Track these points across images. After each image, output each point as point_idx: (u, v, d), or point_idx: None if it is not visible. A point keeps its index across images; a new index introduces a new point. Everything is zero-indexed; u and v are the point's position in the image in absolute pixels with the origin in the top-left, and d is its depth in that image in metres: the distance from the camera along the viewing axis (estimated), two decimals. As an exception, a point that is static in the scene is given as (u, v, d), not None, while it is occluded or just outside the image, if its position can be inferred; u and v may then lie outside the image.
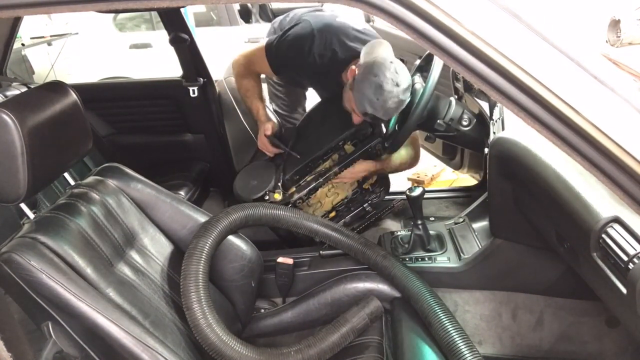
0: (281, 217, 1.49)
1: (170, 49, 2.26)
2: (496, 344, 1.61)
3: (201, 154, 2.51)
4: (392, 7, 0.70)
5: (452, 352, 1.16)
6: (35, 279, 0.97)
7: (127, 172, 1.37)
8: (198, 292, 1.19)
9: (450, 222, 1.82)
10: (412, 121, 1.66)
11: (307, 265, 1.65)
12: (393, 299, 1.48)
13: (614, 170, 0.71)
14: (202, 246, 1.27)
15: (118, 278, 1.15)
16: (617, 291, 0.88)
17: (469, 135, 1.81)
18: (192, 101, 2.34)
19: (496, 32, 0.71)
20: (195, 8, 5.12)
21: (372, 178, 1.97)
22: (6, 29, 2.07)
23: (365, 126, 1.78)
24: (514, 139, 1.29)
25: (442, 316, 1.23)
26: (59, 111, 1.11)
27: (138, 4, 0.76)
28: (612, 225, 0.90)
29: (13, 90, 1.99)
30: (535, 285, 1.52)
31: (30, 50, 4.39)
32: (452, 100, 1.81)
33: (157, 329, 1.11)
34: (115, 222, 1.24)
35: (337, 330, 1.31)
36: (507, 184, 1.38)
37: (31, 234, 1.03)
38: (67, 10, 0.75)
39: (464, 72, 0.73)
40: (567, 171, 1.06)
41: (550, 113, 0.71)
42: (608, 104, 0.72)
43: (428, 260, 1.61)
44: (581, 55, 0.73)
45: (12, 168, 0.98)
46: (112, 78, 4.57)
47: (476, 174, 2.20)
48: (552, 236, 1.20)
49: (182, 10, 2.35)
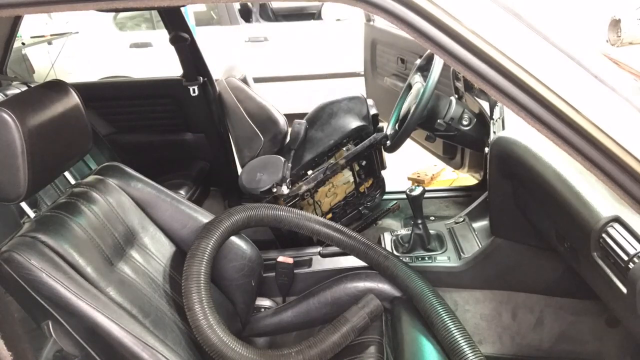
0: (283, 217, 1.49)
1: (171, 48, 2.26)
2: (496, 344, 1.61)
3: (201, 153, 2.51)
4: (393, 6, 0.70)
5: (454, 352, 1.16)
6: (36, 277, 0.97)
7: (127, 171, 1.37)
8: (199, 293, 1.19)
9: (451, 221, 1.82)
10: (412, 121, 1.66)
11: (307, 264, 1.65)
12: (393, 298, 1.48)
13: (614, 170, 0.71)
14: (205, 247, 1.27)
15: (118, 277, 1.15)
16: (617, 291, 0.88)
17: (469, 134, 1.82)
18: (193, 100, 2.34)
19: (497, 31, 0.71)
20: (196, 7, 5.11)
21: (368, 181, 1.99)
22: (6, 28, 2.06)
23: (368, 124, 1.80)
24: (514, 139, 1.29)
25: (444, 316, 1.23)
26: (60, 110, 1.11)
27: (138, 3, 0.76)
28: (613, 225, 0.90)
29: (13, 89, 1.99)
30: (535, 284, 1.52)
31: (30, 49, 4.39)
32: (452, 100, 1.82)
33: (157, 328, 1.11)
34: (115, 221, 1.24)
35: (337, 330, 1.31)
36: (507, 183, 1.38)
37: (31, 233, 1.03)
38: (67, 9, 0.75)
39: (465, 71, 0.73)
40: (568, 170, 1.06)
41: (550, 112, 0.71)
42: (608, 103, 0.72)
43: (428, 259, 1.61)
44: (582, 54, 0.73)
45: (12, 167, 0.98)
46: (113, 77, 4.57)
47: (476, 173, 2.20)
48: (552, 236, 1.20)
49: (182, 9, 2.35)
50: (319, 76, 4.58)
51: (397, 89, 2.51)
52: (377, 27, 2.89)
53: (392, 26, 0.73)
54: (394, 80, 2.70)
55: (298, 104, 3.82)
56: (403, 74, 2.59)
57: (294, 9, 5.36)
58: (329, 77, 4.55)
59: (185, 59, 2.28)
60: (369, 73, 3.06)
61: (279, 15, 5.36)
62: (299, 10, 5.32)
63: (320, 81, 4.58)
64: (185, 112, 2.43)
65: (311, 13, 5.25)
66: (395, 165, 2.30)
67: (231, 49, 4.59)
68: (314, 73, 4.58)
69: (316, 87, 4.54)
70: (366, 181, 2.01)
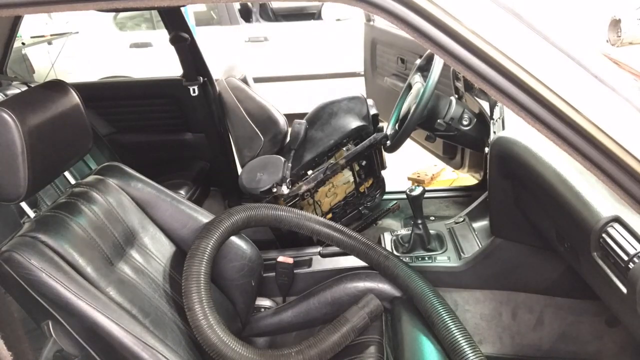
0: (283, 217, 1.49)
1: (171, 48, 2.26)
2: (496, 344, 1.61)
3: (201, 153, 2.51)
4: (393, 6, 0.70)
5: (455, 352, 1.16)
6: (36, 277, 0.97)
7: (127, 171, 1.37)
8: (200, 293, 1.19)
9: (451, 221, 1.82)
10: (412, 121, 1.66)
11: (307, 264, 1.65)
12: (393, 298, 1.48)
13: (614, 170, 0.71)
14: (205, 247, 1.27)
15: (118, 277, 1.15)
16: (617, 291, 0.88)
17: (469, 134, 1.82)
18: (193, 100, 2.34)
19: (497, 31, 0.71)
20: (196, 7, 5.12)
21: (368, 181, 1.99)
22: (6, 27, 2.06)
23: (368, 124, 1.80)
24: (514, 139, 1.29)
25: (445, 316, 1.23)
26: (60, 110, 1.11)
27: (139, 2, 0.75)
28: (613, 225, 0.90)
29: (13, 89, 1.99)
30: (535, 284, 1.51)
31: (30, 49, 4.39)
32: (452, 100, 1.82)
33: (157, 327, 1.11)
34: (115, 221, 1.24)
35: (337, 330, 1.31)
36: (507, 183, 1.38)
37: (31, 233, 1.03)
38: (67, 9, 0.75)
39: (465, 71, 0.73)
40: (568, 170, 1.06)
41: (550, 112, 0.71)
42: (609, 103, 0.72)
43: (428, 259, 1.61)
44: (582, 54, 0.73)
45: (12, 167, 0.98)
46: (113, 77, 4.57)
47: (476, 173, 2.20)
48: (552, 236, 1.20)
49: (182, 9, 2.35)
50: (319, 76, 4.58)
51: (397, 89, 2.51)
52: (377, 27, 2.89)
53: (392, 26, 0.73)
54: (394, 80, 2.70)
55: (298, 104, 3.82)
56: (403, 74, 2.59)
57: (294, 9, 5.36)
58: (329, 77, 4.56)
59: (185, 59, 2.28)
60: (369, 73, 3.07)
61: (279, 15, 5.36)
62: (299, 10, 5.32)
63: (320, 81, 4.58)
64: (185, 112, 2.43)
65: (311, 13, 5.25)
66: (395, 165, 2.30)
67: (231, 49, 4.59)
68: (314, 73, 4.59)
69: (316, 87, 4.55)
70: (366, 181, 2.01)
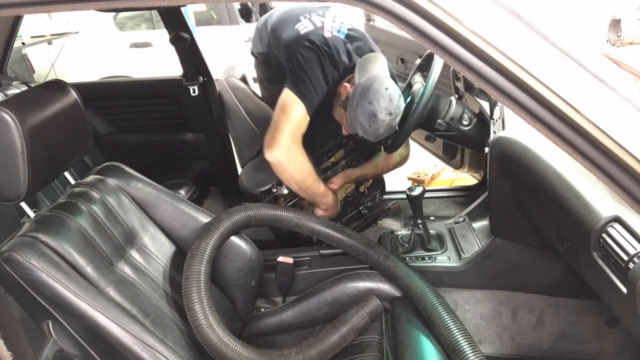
0: (283, 217, 1.49)
1: (171, 48, 2.26)
2: (496, 344, 1.61)
3: (201, 153, 2.50)
4: (393, 6, 0.70)
5: (455, 352, 1.16)
6: (36, 277, 0.97)
7: (127, 171, 1.36)
8: (200, 293, 1.19)
9: (451, 221, 1.81)
10: (412, 121, 1.66)
11: (307, 264, 1.65)
12: (393, 298, 1.48)
13: (614, 170, 0.71)
14: (205, 247, 1.27)
15: (118, 277, 1.15)
16: (617, 291, 0.88)
17: (469, 134, 1.81)
18: (193, 100, 2.34)
19: (497, 31, 0.71)
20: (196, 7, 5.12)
21: (368, 181, 1.98)
22: (6, 27, 2.06)
23: None
24: (514, 139, 1.29)
25: (445, 315, 1.23)
26: (59, 110, 1.11)
27: (139, 2, 0.75)
28: (613, 225, 0.90)
29: (13, 89, 1.99)
30: (535, 284, 1.52)
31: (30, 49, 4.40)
32: (452, 100, 1.81)
33: (157, 327, 1.11)
34: (115, 221, 1.24)
35: (337, 330, 1.31)
36: (507, 183, 1.38)
37: (31, 233, 1.03)
38: (67, 9, 0.75)
39: (465, 71, 0.73)
40: (568, 170, 1.06)
41: (550, 112, 0.71)
42: (609, 103, 0.72)
43: (428, 259, 1.61)
44: (582, 54, 0.73)
45: (12, 167, 0.98)
46: (113, 77, 4.58)
47: (476, 173, 2.20)
48: (552, 235, 1.20)
49: (182, 9, 2.35)
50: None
51: (397, 89, 2.50)
52: (377, 27, 2.89)
53: (392, 26, 0.73)
54: (394, 80, 2.70)
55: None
56: (403, 74, 2.59)
57: (294, 9, 5.35)
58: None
59: (185, 58, 2.28)
60: (369, 73, 3.06)
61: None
62: (299, 10, 5.31)
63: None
64: (185, 112, 2.43)
65: (311, 13, 5.24)
66: (395, 165, 2.30)
67: (231, 49, 4.60)
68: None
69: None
70: (366, 181, 2.01)
